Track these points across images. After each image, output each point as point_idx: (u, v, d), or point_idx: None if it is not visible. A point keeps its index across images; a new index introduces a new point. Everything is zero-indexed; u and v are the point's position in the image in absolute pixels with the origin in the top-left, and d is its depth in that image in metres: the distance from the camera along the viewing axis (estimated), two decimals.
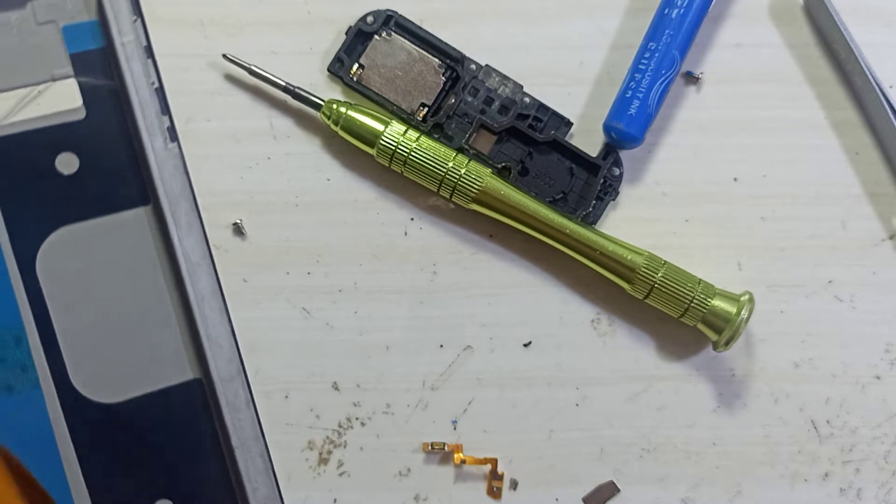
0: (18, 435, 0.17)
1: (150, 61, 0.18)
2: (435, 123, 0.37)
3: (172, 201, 0.17)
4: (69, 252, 0.17)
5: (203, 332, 0.17)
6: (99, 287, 0.17)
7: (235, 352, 0.18)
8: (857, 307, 0.38)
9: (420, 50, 0.38)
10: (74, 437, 0.17)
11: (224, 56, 0.37)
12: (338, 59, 0.38)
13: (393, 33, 0.38)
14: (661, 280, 0.36)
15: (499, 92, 0.38)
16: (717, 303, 0.36)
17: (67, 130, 0.18)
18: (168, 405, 0.18)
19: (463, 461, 0.37)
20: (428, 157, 0.36)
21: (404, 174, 0.37)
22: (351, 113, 0.36)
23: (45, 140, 0.18)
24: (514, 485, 0.37)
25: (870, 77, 0.37)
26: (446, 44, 0.38)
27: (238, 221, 0.37)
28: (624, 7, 0.39)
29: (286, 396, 0.37)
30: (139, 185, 0.18)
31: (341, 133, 0.37)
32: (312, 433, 0.37)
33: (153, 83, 0.17)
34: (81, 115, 0.18)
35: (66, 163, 0.18)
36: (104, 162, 0.18)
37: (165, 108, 0.17)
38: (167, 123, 0.17)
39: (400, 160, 0.36)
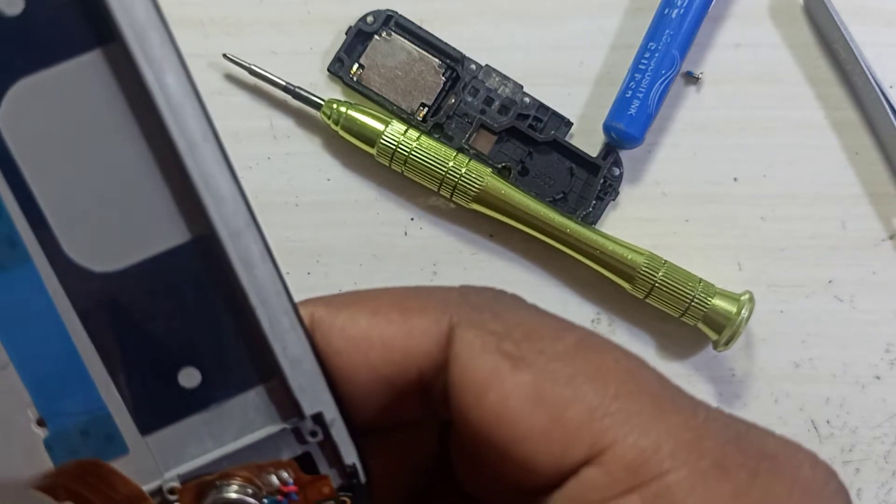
0: (20, 314, 0.16)
1: None
2: (435, 123, 0.37)
3: (138, 33, 0.15)
4: (35, 107, 0.15)
5: (198, 184, 0.15)
6: (75, 144, 0.16)
7: (241, 201, 0.16)
8: (857, 307, 0.38)
9: (420, 50, 0.38)
10: (78, 309, 0.16)
11: (224, 56, 0.37)
12: (338, 59, 0.38)
13: (393, 33, 0.38)
14: (661, 279, 0.36)
15: (499, 92, 0.38)
16: (718, 302, 0.36)
17: None
18: (177, 267, 0.16)
19: None
20: (428, 156, 0.36)
21: (404, 174, 0.37)
22: (351, 112, 0.36)
23: None
24: None
25: (870, 77, 0.37)
26: (446, 44, 0.38)
27: None
28: (624, 7, 0.39)
29: None
30: (101, 20, 0.15)
31: (341, 133, 0.37)
32: None
33: None
34: None
35: (9, 1, 0.15)
36: None
37: None
38: None
39: (400, 160, 0.36)
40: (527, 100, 0.38)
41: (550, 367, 0.16)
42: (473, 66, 0.38)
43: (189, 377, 0.17)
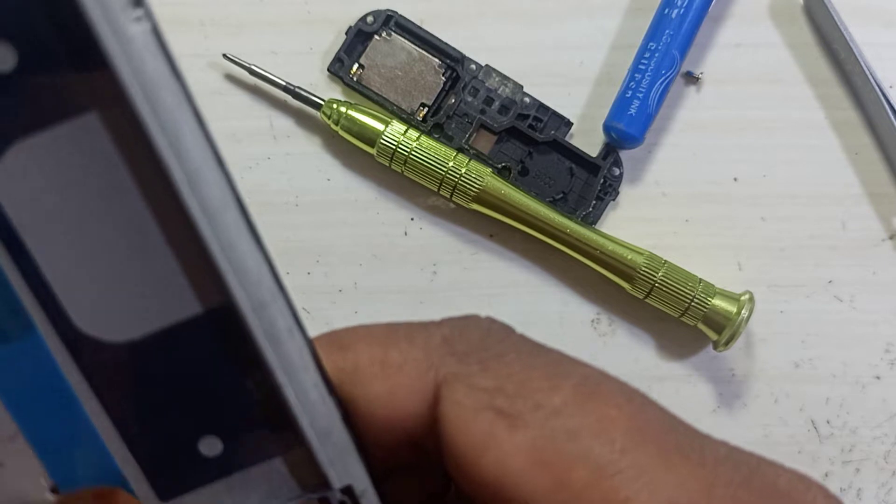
0: (27, 384, 0.16)
1: None
2: (435, 123, 0.37)
3: (149, 96, 0.13)
4: (33, 172, 0.14)
5: (217, 256, 0.14)
6: (78, 210, 0.14)
7: (266, 271, 0.14)
8: (857, 307, 0.38)
9: (420, 50, 0.38)
10: (89, 379, 0.15)
11: (224, 56, 0.37)
12: (338, 59, 0.38)
13: (393, 33, 0.38)
14: (661, 279, 0.36)
15: (499, 92, 0.38)
16: (718, 302, 0.36)
17: None
18: (195, 337, 0.15)
19: None
20: (428, 156, 0.36)
21: (404, 174, 0.37)
22: (351, 112, 0.36)
23: None
24: None
25: (870, 77, 0.37)
26: (446, 44, 0.38)
27: None
28: (624, 7, 0.39)
29: None
30: (104, 79, 0.14)
31: (341, 133, 0.37)
32: None
33: None
34: None
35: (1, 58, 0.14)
36: (53, 52, 0.13)
37: None
38: None
39: (400, 160, 0.36)
40: (527, 100, 0.38)
41: (549, 423, 0.16)
42: (473, 66, 0.38)
43: (210, 446, 0.16)
